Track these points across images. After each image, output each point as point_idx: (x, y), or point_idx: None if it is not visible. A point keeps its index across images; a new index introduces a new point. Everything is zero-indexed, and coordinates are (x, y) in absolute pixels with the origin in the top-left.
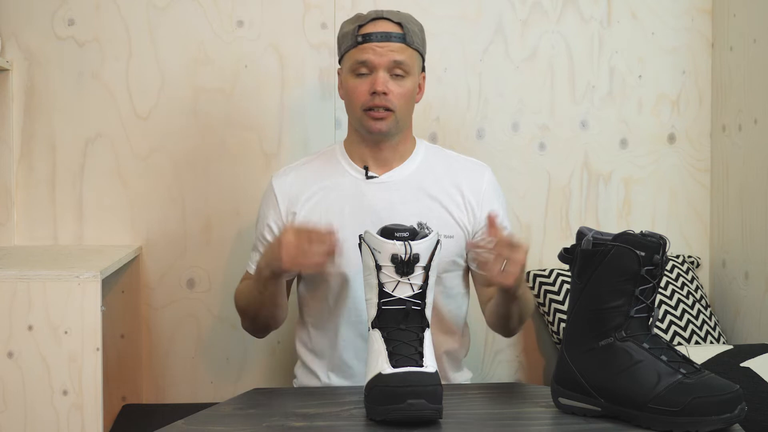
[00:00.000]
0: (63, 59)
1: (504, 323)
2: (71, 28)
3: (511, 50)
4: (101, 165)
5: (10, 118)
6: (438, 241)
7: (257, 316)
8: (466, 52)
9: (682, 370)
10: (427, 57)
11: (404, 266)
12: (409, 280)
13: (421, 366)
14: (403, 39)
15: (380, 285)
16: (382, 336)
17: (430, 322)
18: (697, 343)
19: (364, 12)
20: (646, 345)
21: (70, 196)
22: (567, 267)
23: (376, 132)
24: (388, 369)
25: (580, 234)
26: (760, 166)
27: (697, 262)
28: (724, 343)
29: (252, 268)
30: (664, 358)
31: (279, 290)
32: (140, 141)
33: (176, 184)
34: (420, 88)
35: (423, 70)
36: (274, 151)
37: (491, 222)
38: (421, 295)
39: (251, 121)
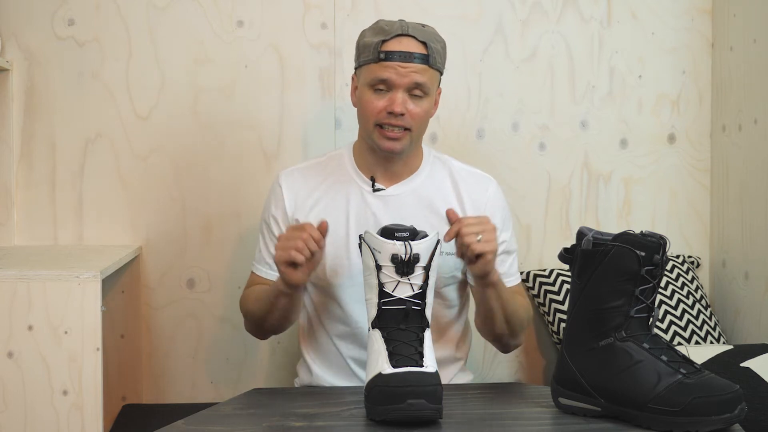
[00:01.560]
0: (63, 59)
1: (489, 323)
2: (71, 28)
3: (511, 50)
4: (101, 165)
5: (10, 118)
6: (438, 242)
7: (264, 323)
8: (466, 52)
9: (682, 370)
10: None
11: (404, 266)
12: (409, 280)
13: (421, 366)
14: (426, 60)
15: (380, 285)
16: (382, 336)
17: (430, 325)
18: (697, 343)
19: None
20: (646, 345)
21: (70, 196)
22: (567, 267)
23: (387, 151)
24: (388, 369)
25: (580, 234)
26: (760, 166)
27: (697, 262)
28: (724, 343)
29: (257, 269)
30: (664, 358)
31: (292, 305)
32: (140, 141)
33: (176, 184)
34: (435, 103)
35: (439, 84)
36: (274, 151)
37: (449, 216)
38: (421, 295)
39: (251, 121)
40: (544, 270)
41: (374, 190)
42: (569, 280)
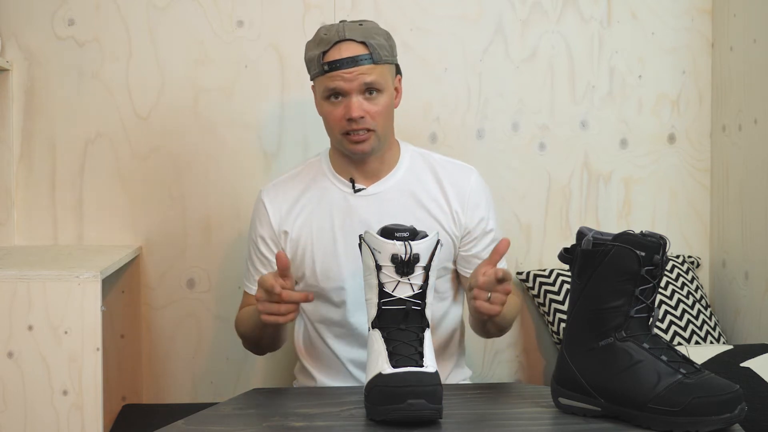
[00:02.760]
0: (63, 59)
1: (481, 333)
2: (71, 28)
3: (511, 50)
4: (101, 165)
5: (10, 118)
6: (438, 241)
7: (258, 345)
8: (466, 52)
9: (682, 370)
10: (427, 57)
11: (404, 266)
12: (409, 280)
13: (421, 366)
14: (370, 59)
15: (380, 285)
16: (382, 336)
17: (429, 323)
18: (697, 343)
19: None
20: (646, 345)
21: (70, 196)
22: (567, 267)
23: (359, 153)
24: (388, 369)
25: (580, 234)
26: (760, 166)
27: (697, 262)
28: (724, 343)
29: (248, 288)
30: (664, 358)
31: (282, 330)
32: (140, 141)
33: (176, 184)
34: (397, 91)
35: (398, 72)
36: (274, 151)
37: (493, 254)
38: (421, 295)
39: (251, 121)
40: (544, 270)
41: (355, 191)
42: (569, 280)
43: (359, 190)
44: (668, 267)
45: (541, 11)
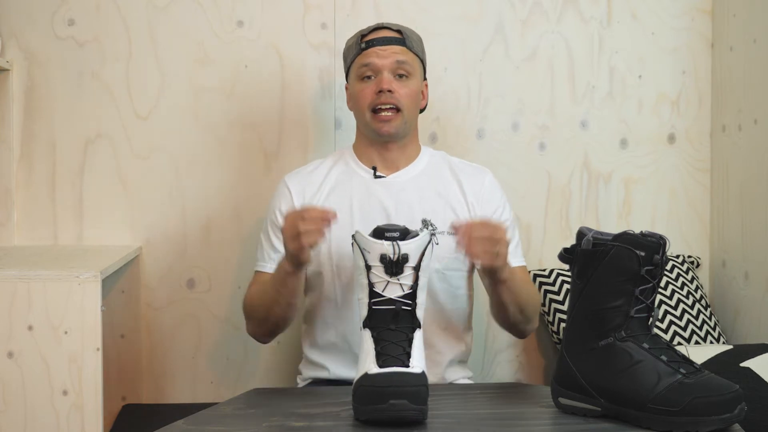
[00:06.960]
0: (63, 59)
1: (503, 314)
2: (71, 28)
3: (511, 50)
4: (101, 165)
5: (10, 118)
6: (429, 241)
7: (268, 316)
8: (466, 52)
9: (682, 370)
10: (427, 57)
11: (393, 266)
12: (398, 280)
13: (407, 366)
14: (403, 43)
15: (370, 285)
16: (372, 336)
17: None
18: (697, 343)
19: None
20: (646, 345)
21: (70, 196)
22: (567, 267)
23: (384, 134)
24: (374, 369)
25: (580, 234)
26: (760, 166)
27: (697, 262)
28: (724, 343)
29: (262, 266)
30: (664, 358)
31: (297, 287)
32: (140, 141)
33: (176, 184)
34: (423, 95)
35: (425, 78)
36: (274, 151)
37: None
38: (412, 296)
39: (251, 121)
40: (544, 270)
41: (375, 177)
42: (569, 280)
43: (380, 177)
44: (668, 267)
45: (541, 11)
